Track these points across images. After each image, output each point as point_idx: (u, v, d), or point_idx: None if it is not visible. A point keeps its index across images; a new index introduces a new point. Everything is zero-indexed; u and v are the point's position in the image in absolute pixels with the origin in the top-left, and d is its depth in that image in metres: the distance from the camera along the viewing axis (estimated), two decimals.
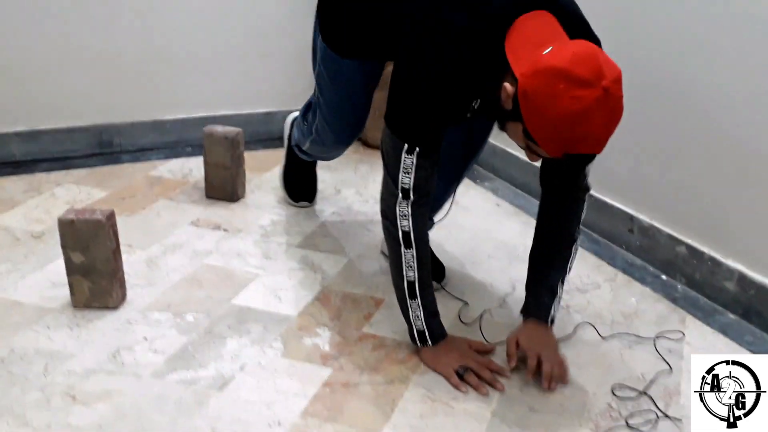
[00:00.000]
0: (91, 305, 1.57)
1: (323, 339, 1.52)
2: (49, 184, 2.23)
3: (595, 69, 1.12)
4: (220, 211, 2.12)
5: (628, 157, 1.99)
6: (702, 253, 1.80)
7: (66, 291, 1.58)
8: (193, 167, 2.43)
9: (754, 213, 1.67)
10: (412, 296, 1.43)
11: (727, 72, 1.67)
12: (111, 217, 1.54)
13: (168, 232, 1.96)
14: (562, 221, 1.51)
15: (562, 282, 1.52)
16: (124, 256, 1.63)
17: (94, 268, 1.53)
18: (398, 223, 1.41)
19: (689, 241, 1.84)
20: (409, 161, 1.36)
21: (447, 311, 1.62)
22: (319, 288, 1.73)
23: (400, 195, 1.39)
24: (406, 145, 1.35)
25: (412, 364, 1.46)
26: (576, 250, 1.52)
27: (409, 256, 1.42)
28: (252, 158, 2.44)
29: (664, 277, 1.90)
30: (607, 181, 2.08)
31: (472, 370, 1.42)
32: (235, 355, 1.45)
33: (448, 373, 1.43)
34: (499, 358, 1.51)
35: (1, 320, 1.51)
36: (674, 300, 1.78)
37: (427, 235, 1.45)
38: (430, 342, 1.46)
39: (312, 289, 1.72)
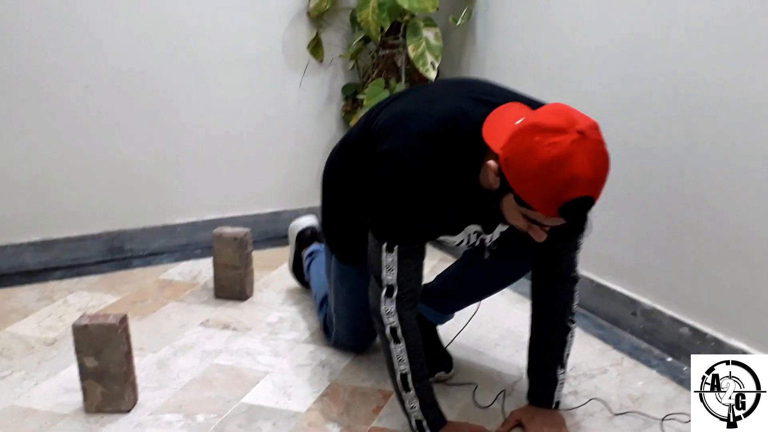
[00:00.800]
0: (104, 409, 1.59)
1: None
2: (62, 292, 2.29)
3: (567, 118, 1.17)
4: (229, 311, 2.16)
5: (629, 242, 2.04)
6: (705, 334, 1.82)
7: (78, 396, 1.60)
8: (203, 269, 2.49)
9: (754, 293, 1.70)
10: (406, 389, 1.44)
11: (726, 155, 1.73)
12: (124, 320, 1.58)
13: (178, 334, 1.99)
14: (554, 313, 1.55)
15: (562, 367, 1.55)
16: (135, 359, 1.66)
17: (107, 372, 1.56)
18: (385, 320, 1.43)
19: (692, 323, 1.86)
20: (390, 259, 1.39)
21: (462, 395, 1.66)
22: (328, 383, 1.74)
23: (384, 291, 1.42)
24: (385, 244, 1.39)
25: None
26: (572, 336, 1.56)
27: (399, 350, 1.43)
28: (259, 257, 2.50)
29: (669, 359, 1.91)
30: (609, 265, 2.12)
31: None
32: None
33: None
34: None
35: (16, 427, 1.53)
36: (681, 382, 1.78)
37: (417, 328, 1.46)
38: (428, 431, 1.47)
39: (320, 384, 1.74)
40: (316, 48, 2.78)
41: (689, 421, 1.60)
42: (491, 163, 1.25)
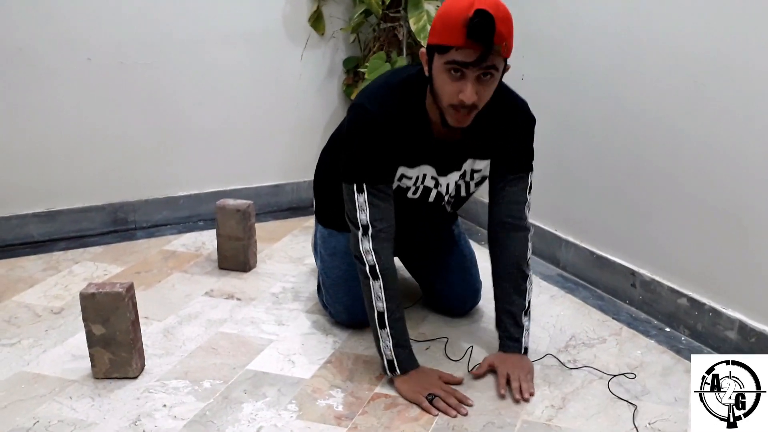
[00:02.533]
0: (112, 376, 1.62)
1: (337, 400, 1.56)
2: (67, 262, 2.31)
3: None
4: (233, 281, 2.18)
5: (628, 214, 2.07)
6: (703, 305, 1.85)
7: (87, 363, 1.63)
8: (206, 240, 2.52)
9: (751, 264, 1.72)
10: (382, 326, 1.57)
11: (723, 128, 1.75)
12: (130, 289, 1.60)
13: (183, 304, 2.02)
14: (509, 260, 1.70)
15: (526, 314, 1.69)
16: (141, 328, 1.69)
17: (115, 340, 1.59)
18: (364, 258, 1.56)
19: (690, 293, 1.89)
20: (361, 199, 1.55)
21: (435, 348, 1.68)
22: (332, 351, 1.77)
23: (360, 231, 1.56)
24: (354, 185, 1.55)
25: (425, 421, 1.50)
26: (531, 283, 1.71)
27: (376, 287, 1.56)
28: (262, 229, 2.53)
29: (667, 329, 1.94)
30: (608, 237, 2.15)
31: (440, 398, 1.53)
32: (252, 419, 1.49)
33: (418, 399, 1.54)
34: (467, 387, 1.62)
35: (26, 392, 1.56)
36: (678, 351, 1.82)
37: (393, 268, 1.59)
38: (398, 371, 1.58)
39: (324, 352, 1.77)
40: (317, 21, 2.77)
41: (635, 377, 1.68)
42: (422, 50, 1.48)
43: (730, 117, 1.71)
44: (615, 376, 1.67)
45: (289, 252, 2.45)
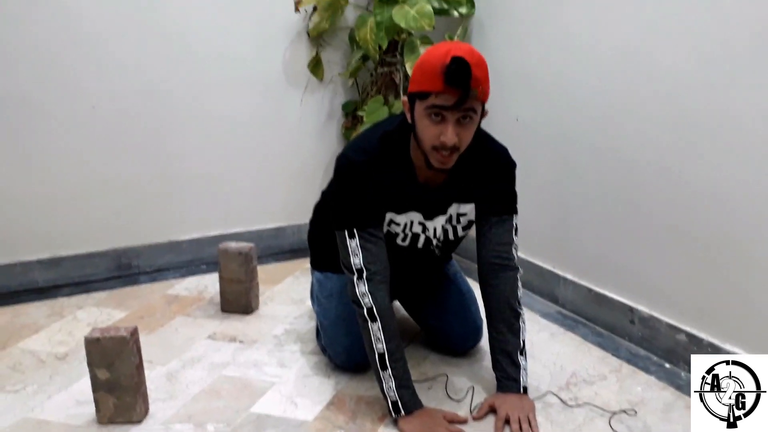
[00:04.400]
0: (116, 420, 1.63)
1: None
2: (71, 308, 2.33)
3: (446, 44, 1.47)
4: (236, 324, 2.20)
5: (625, 251, 2.09)
6: (701, 340, 1.86)
7: (91, 408, 1.65)
8: (208, 284, 2.54)
9: (748, 299, 1.75)
10: (383, 367, 1.58)
11: (719, 161, 1.79)
12: (134, 333, 1.62)
13: (186, 347, 2.03)
14: (500, 299, 1.73)
15: (522, 353, 1.70)
16: (145, 372, 1.70)
17: (119, 384, 1.60)
18: (361, 301, 1.59)
19: (688, 329, 1.91)
20: (353, 244, 1.60)
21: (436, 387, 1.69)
22: (334, 392, 1.78)
23: (356, 276, 1.60)
24: (345, 231, 1.60)
25: None
26: (524, 322, 1.74)
27: (375, 329, 1.58)
28: (264, 271, 2.56)
29: (667, 365, 1.95)
30: (606, 274, 2.17)
31: None
32: None
33: None
34: (471, 428, 1.62)
35: None
36: (679, 387, 1.82)
37: (391, 309, 1.62)
38: (403, 412, 1.59)
39: (326, 394, 1.78)
40: (316, 67, 2.84)
41: (636, 414, 1.69)
42: (403, 99, 1.55)
43: (728, 151, 1.75)
44: (616, 413, 1.68)
45: (291, 294, 2.47)
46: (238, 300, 2.28)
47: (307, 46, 2.82)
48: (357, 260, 1.59)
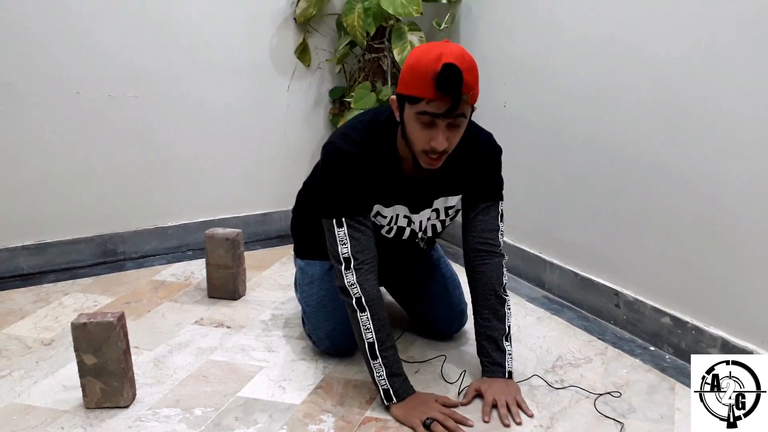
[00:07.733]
0: (103, 405, 1.63)
1: (328, 425, 1.58)
2: (57, 294, 2.32)
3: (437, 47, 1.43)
4: (223, 309, 2.20)
5: (611, 236, 2.11)
6: (685, 323, 1.88)
7: (78, 393, 1.64)
8: (195, 270, 2.54)
9: (732, 282, 1.77)
10: (374, 357, 1.58)
11: (705, 148, 1.80)
12: (121, 318, 1.62)
13: (173, 333, 2.03)
14: (486, 286, 1.73)
15: (507, 338, 1.71)
16: (132, 357, 1.70)
17: (106, 369, 1.60)
18: (349, 291, 1.59)
19: (673, 312, 1.93)
20: (341, 233, 1.58)
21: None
22: (321, 376, 1.79)
23: (343, 265, 1.58)
24: (333, 220, 1.58)
25: None
26: (509, 308, 1.75)
27: (364, 318, 1.58)
28: (251, 257, 2.56)
29: (652, 348, 1.97)
30: (592, 259, 2.19)
31: (438, 421, 1.53)
32: None
33: (415, 424, 1.55)
34: (461, 410, 1.63)
35: (17, 424, 1.57)
36: (663, 369, 1.85)
37: (380, 298, 1.61)
38: (395, 399, 1.59)
39: (314, 378, 1.78)
40: (303, 53, 2.83)
41: (620, 395, 1.71)
42: (392, 97, 1.53)
43: (711, 138, 1.77)
44: (601, 395, 1.70)
45: (278, 279, 2.47)
46: (225, 286, 2.28)
47: (294, 32, 2.81)
48: (345, 249, 1.58)
